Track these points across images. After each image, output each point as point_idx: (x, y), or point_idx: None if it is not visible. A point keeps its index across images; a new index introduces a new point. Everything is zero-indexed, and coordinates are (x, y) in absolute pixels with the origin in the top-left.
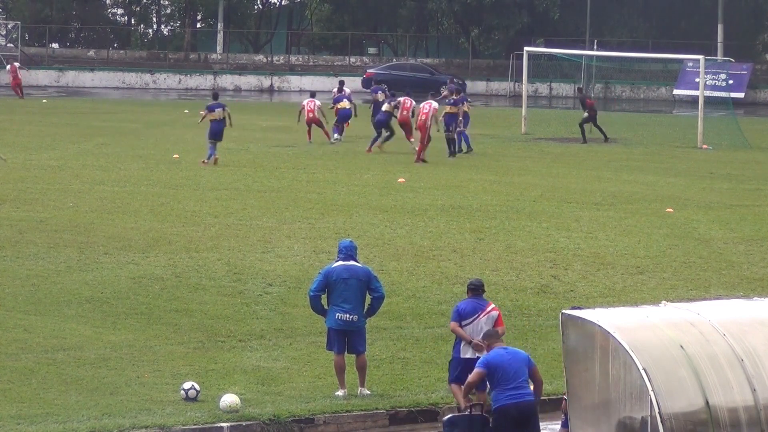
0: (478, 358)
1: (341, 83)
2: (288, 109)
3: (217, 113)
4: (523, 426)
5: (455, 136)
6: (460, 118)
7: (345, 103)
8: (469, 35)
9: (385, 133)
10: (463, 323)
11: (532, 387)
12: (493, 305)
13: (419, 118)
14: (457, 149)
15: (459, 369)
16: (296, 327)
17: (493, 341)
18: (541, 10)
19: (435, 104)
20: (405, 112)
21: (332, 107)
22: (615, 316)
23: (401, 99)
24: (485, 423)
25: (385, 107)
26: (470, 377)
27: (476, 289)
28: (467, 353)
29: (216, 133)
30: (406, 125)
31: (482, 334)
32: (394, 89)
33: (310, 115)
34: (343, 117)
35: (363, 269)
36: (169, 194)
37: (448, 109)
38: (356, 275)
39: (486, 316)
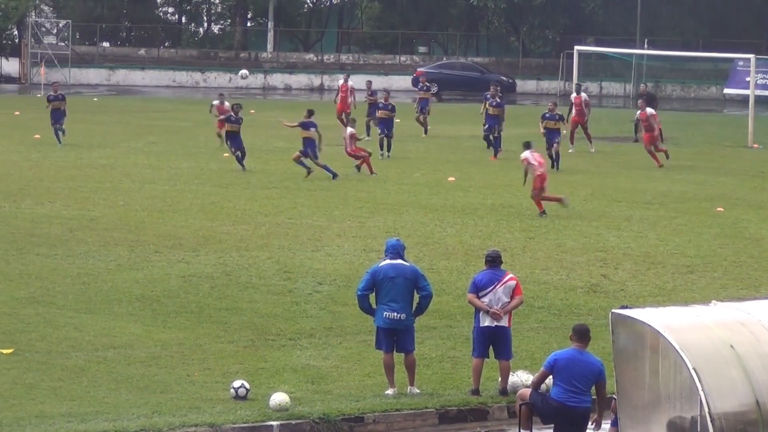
0: (496, 326)
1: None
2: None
3: (312, 133)
4: (567, 426)
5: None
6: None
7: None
8: (519, 34)
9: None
10: (481, 294)
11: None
12: (510, 275)
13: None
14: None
15: (481, 342)
16: (346, 326)
17: (575, 338)
18: (587, 12)
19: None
20: None
21: None
22: (665, 316)
23: None
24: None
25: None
26: (535, 378)
27: (493, 261)
28: (485, 321)
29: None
30: None
31: (573, 328)
32: (444, 88)
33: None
34: None
35: (410, 268)
36: (220, 193)
37: (491, 110)
38: (403, 274)
39: (503, 286)
